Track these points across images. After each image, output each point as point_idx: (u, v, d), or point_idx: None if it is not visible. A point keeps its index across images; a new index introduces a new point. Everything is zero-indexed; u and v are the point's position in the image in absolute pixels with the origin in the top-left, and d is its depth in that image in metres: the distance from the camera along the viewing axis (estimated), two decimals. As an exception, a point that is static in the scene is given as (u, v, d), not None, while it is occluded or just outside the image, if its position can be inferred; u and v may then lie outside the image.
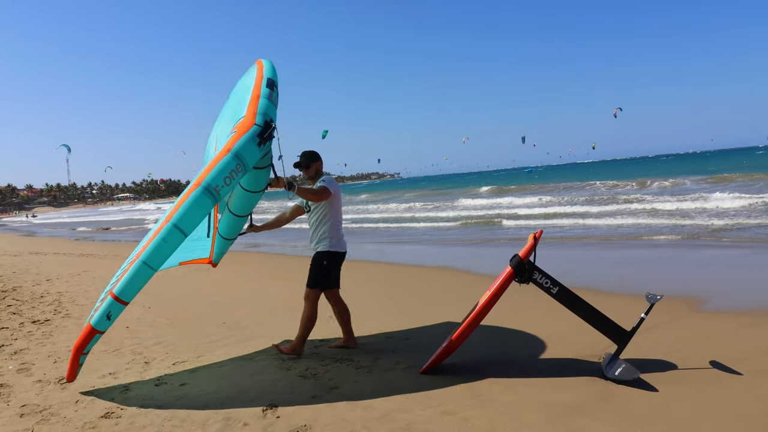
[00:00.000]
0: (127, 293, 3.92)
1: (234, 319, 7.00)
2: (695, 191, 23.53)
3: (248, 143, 4.09)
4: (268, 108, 4.30)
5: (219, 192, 3.98)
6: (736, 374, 4.15)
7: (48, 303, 8.58)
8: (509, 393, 4.04)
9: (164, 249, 3.92)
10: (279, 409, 3.94)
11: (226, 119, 5.16)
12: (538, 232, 4.49)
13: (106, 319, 3.98)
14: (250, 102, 4.37)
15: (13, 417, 4.04)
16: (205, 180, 3.96)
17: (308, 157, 5.27)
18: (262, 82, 4.50)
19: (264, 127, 4.18)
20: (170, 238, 3.91)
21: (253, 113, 4.23)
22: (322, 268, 5.22)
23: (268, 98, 4.38)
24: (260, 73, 4.63)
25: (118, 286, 3.92)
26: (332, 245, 5.22)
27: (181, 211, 3.93)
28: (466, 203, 30.92)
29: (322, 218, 5.20)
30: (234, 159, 4.02)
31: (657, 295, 4.38)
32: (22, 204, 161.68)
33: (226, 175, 3.99)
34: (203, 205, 3.97)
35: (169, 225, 3.91)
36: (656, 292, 4.43)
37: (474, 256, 12.55)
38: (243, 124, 4.23)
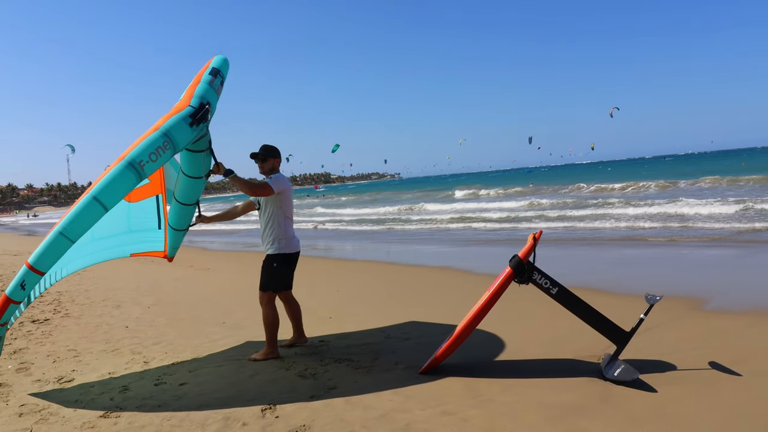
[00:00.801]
0: (42, 263, 3.67)
1: (233, 319, 7.00)
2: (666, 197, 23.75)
3: (179, 122, 4.01)
4: (206, 92, 4.26)
5: (143, 168, 3.81)
6: (736, 375, 4.14)
7: (47, 302, 8.59)
8: (509, 393, 4.04)
9: (82, 219, 3.68)
10: (278, 409, 3.94)
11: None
12: (538, 233, 4.49)
13: (20, 289, 3.73)
14: (189, 87, 4.33)
15: (12, 416, 4.04)
16: (130, 155, 3.81)
17: (267, 151, 5.18)
18: (206, 70, 4.46)
19: (198, 108, 4.13)
20: (89, 210, 3.69)
21: (189, 96, 4.20)
22: (271, 270, 5.15)
23: (209, 84, 4.34)
24: (207, 65, 4.59)
25: (33, 255, 3.69)
26: (281, 247, 5.14)
27: (101, 184, 3.73)
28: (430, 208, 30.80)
29: (271, 217, 5.13)
30: (162, 137, 3.91)
31: (656, 295, 4.38)
32: (23, 203, 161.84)
33: (152, 151, 3.84)
34: (125, 179, 3.76)
35: (88, 196, 3.71)
36: (655, 293, 4.42)
37: (474, 255, 12.55)
38: (177, 105, 4.19)
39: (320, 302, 7.84)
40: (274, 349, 5.20)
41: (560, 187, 38.61)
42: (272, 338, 5.18)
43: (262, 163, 5.18)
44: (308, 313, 7.09)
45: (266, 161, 5.17)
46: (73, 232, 3.67)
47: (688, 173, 42.61)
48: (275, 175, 5.14)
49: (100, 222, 3.88)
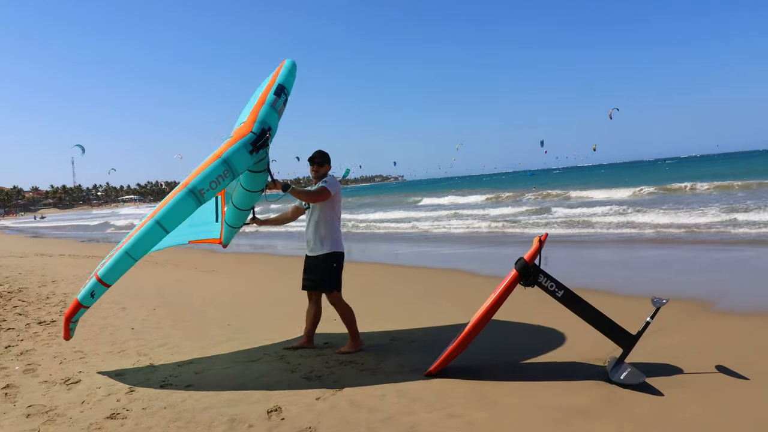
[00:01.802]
0: (109, 277, 4.17)
1: (239, 320, 7.01)
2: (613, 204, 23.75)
3: (240, 151, 4.28)
4: (268, 116, 4.44)
5: (203, 195, 4.15)
6: (743, 379, 4.13)
7: (54, 304, 8.61)
8: (514, 396, 4.04)
9: (145, 242, 4.14)
10: (284, 411, 3.94)
11: (242, 118, 5.25)
12: (543, 236, 4.49)
13: (90, 297, 4.27)
14: (254, 107, 4.51)
15: (20, 417, 4.05)
16: (192, 183, 4.15)
17: (323, 157, 5.37)
18: (273, 87, 4.62)
19: (259, 135, 4.34)
20: (152, 233, 4.12)
21: (252, 120, 4.39)
22: (333, 270, 5.28)
23: (272, 105, 4.51)
24: (274, 77, 4.75)
25: (102, 269, 4.19)
26: (335, 246, 5.29)
27: (165, 209, 4.12)
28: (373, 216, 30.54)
29: (321, 218, 5.23)
30: (222, 165, 4.20)
31: (663, 299, 4.37)
32: (28, 205, 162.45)
33: (212, 179, 4.16)
34: (186, 206, 4.14)
35: (152, 221, 4.11)
36: (662, 296, 4.42)
37: (478, 257, 12.54)
38: (240, 130, 4.39)
39: (324, 304, 7.83)
40: (359, 340, 5.39)
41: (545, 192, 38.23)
42: (355, 330, 5.37)
43: (318, 167, 5.34)
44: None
45: (323, 166, 5.35)
46: (137, 252, 4.13)
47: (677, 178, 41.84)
48: (329, 178, 5.28)
49: None
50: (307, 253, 5.42)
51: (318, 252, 5.29)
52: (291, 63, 4.96)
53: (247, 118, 4.45)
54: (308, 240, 5.36)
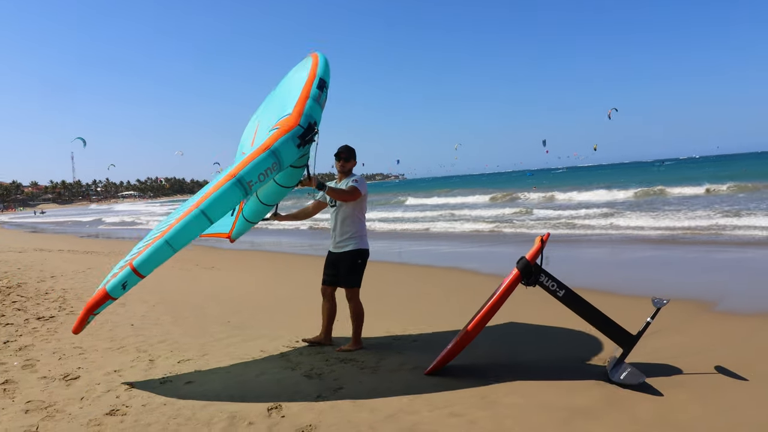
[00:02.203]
0: (145, 267, 3.96)
1: (239, 317, 7.01)
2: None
3: (288, 143, 4.19)
4: (313, 110, 4.38)
5: (251, 186, 4.07)
6: (742, 380, 4.13)
7: (53, 300, 8.59)
8: (515, 395, 4.04)
9: (188, 232, 3.99)
10: (284, 409, 3.94)
11: (272, 108, 5.26)
12: (545, 235, 4.48)
13: (121, 288, 4.00)
14: (299, 100, 4.43)
15: (19, 413, 4.04)
16: (240, 173, 4.04)
17: (349, 152, 5.38)
18: (314, 81, 4.57)
19: (307, 130, 4.27)
20: (196, 223, 3.98)
21: (298, 113, 4.31)
22: (357, 266, 5.31)
23: (316, 100, 4.46)
24: (313, 71, 4.69)
25: (139, 259, 3.97)
26: (361, 243, 5.31)
27: (210, 199, 3.99)
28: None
29: (349, 216, 5.26)
30: (271, 157, 4.11)
31: (663, 299, 4.37)
32: (27, 200, 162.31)
33: (260, 171, 4.07)
34: (233, 197, 4.04)
35: (197, 210, 3.98)
36: (662, 297, 4.41)
37: (479, 256, 12.54)
38: (286, 122, 4.30)
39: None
40: (361, 341, 5.42)
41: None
42: (360, 330, 5.41)
43: (345, 163, 5.33)
44: (313, 314, 7.11)
45: (349, 161, 5.35)
46: (178, 243, 3.97)
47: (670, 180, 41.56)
48: (359, 177, 5.30)
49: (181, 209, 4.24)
50: (331, 249, 5.44)
51: (343, 248, 5.31)
52: (325, 58, 4.91)
53: (293, 110, 4.38)
54: (334, 236, 5.38)
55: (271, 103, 5.64)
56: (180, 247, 3.98)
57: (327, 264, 5.48)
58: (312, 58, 4.99)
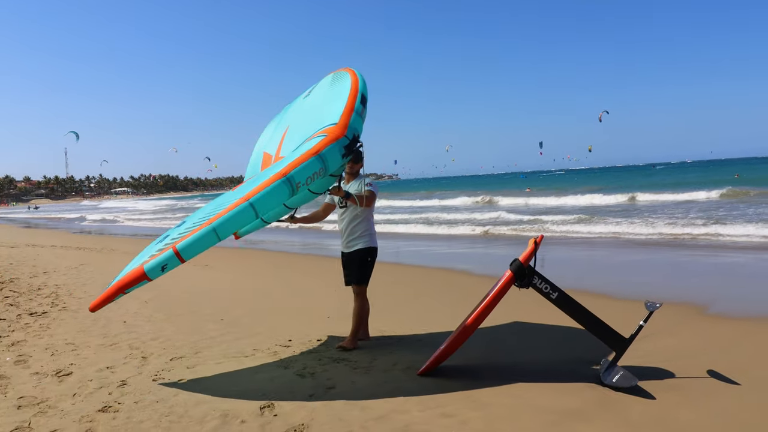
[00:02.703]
0: (188, 252, 3.97)
1: (232, 316, 7.00)
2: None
3: (334, 151, 4.36)
4: (356, 123, 4.56)
5: (299, 188, 4.21)
6: (734, 384, 4.16)
7: (45, 295, 8.57)
8: (507, 397, 4.05)
9: (235, 222, 4.07)
10: (276, 408, 3.94)
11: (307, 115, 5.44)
12: (539, 237, 4.50)
13: (160, 270, 3.97)
14: (344, 112, 4.60)
15: (10, 409, 4.03)
16: (291, 173, 4.16)
17: (358, 155, 5.35)
18: (357, 96, 4.73)
19: (351, 141, 4.44)
20: (243, 215, 4.08)
21: (344, 124, 4.47)
22: (367, 264, 5.40)
23: (359, 114, 4.64)
24: (355, 86, 4.85)
25: (183, 243, 3.97)
26: (371, 241, 5.41)
27: (260, 194, 4.12)
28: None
29: (359, 216, 5.36)
30: (319, 161, 4.27)
31: (656, 303, 4.38)
32: (20, 195, 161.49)
33: (308, 175, 4.23)
34: (281, 194, 4.17)
35: (246, 203, 4.09)
36: (655, 300, 4.43)
37: (473, 257, 12.56)
38: (334, 131, 4.45)
39: (318, 301, 7.85)
40: (356, 340, 5.45)
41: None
42: (359, 329, 5.49)
43: (353, 165, 5.37)
44: (306, 313, 7.12)
45: (357, 163, 5.39)
46: (224, 231, 4.04)
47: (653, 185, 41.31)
48: (373, 182, 5.40)
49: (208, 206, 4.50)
50: (343, 249, 5.53)
51: (353, 247, 5.41)
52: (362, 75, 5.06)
53: (339, 120, 4.53)
54: (345, 236, 5.46)
55: (302, 109, 5.82)
56: (225, 236, 4.06)
57: (343, 265, 5.59)
58: (349, 75, 5.13)
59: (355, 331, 5.44)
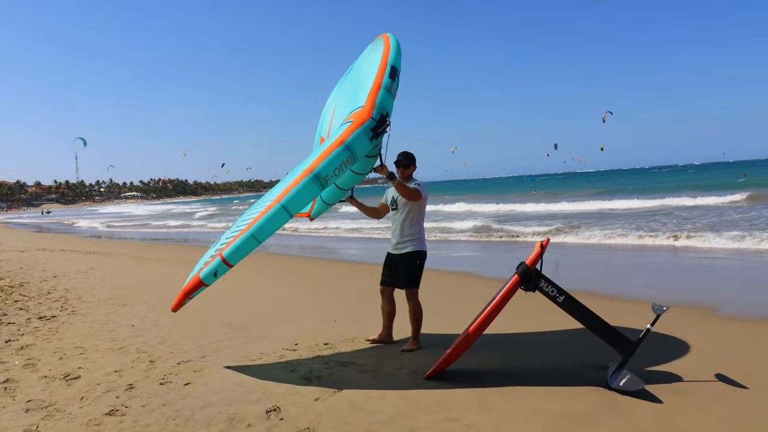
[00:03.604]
0: (233, 258, 4.29)
1: (239, 320, 7.02)
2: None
3: (361, 137, 4.36)
4: (385, 100, 4.52)
5: (327, 181, 4.29)
6: (742, 388, 4.13)
7: (54, 299, 8.63)
8: (513, 400, 4.04)
9: (271, 225, 4.27)
10: (283, 411, 3.95)
11: (346, 91, 5.54)
12: (545, 241, 4.49)
13: (213, 276, 4.36)
14: (371, 91, 4.58)
15: (19, 412, 4.06)
16: (317, 169, 4.26)
17: (408, 158, 5.43)
18: (386, 70, 4.69)
19: (379, 122, 4.42)
20: (278, 217, 4.26)
21: (371, 106, 4.46)
22: (416, 267, 5.43)
23: (388, 89, 4.59)
24: (385, 57, 4.83)
25: (228, 250, 4.30)
26: (421, 245, 5.44)
27: (290, 195, 4.25)
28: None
29: (410, 219, 5.39)
30: (345, 151, 4.31)
31: (663, 306, 4.36)
32: (30, 200, 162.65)
33: (335, 166, 4.29)
34: (311, 191, 4.30)
35: (278, 205, 4.25)
36: (662, 304, 4.41)
37: (480, 261, 12.54)
38: (359, 115, 4.46)
39: (325, 305, 7.85)
40: (419, 341, 5.53)
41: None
42: (419, 329, 5.53)
43: (404, 170, 5.42)
44: (313, 316, 7.13)
45: (408, 167, 5.43)
46: (262, 235, 4.27)
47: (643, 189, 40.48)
48: (420, 182, 5.39)
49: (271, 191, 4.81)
50: (390, 250, 5.58)
51: (403, 250, 5.44)
52: (396, 42, 5.02)
53: (365, 101, 4.53)
54: (394, 238, 5.51)
55: (344, 84, 5.92)
56: (264, 239, 4.28)
57: (386, 265, 5.62)
58: (383, 41, 5.12)
59: (416, 333, 5.50)
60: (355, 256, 14.84)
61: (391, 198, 5.52)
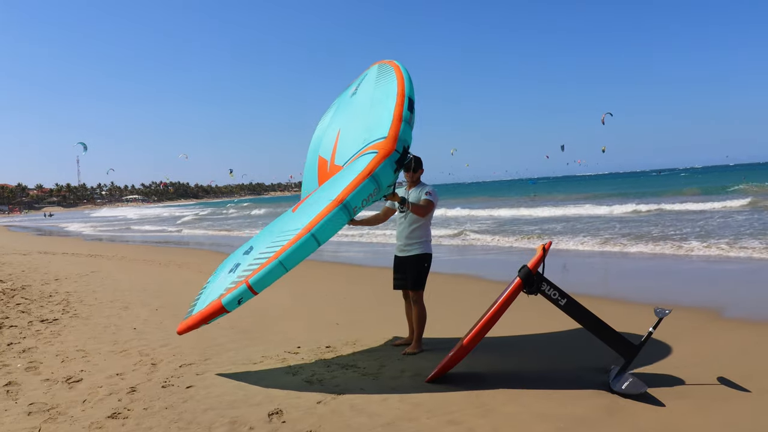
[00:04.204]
0: (259, 286, 4.30)
1: (241, 323, 7.02)
2: None
3: (386, 168, 4.53)
4: (406, 133, 4.67)
5: (355, 211, 4.42)
6: (745, 391, 4.12)
7: (56, 302, 8.64)
8: (515, 404, 4.04)
9: (300, 254, 4.32)
10: (285, 414, 3.95)
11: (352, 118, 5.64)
12: (548, 244, 4.49)
13: (236, 303, 4.37)
14: (393, 124, 4.71)
15: (21, 415, 4.07)
16: (346, 199, 4.38)
17: (417, 163, 5.46)
18: (404, 102, 4.83)
19: (402, 155, 4.58)
20: (307, 246, 4.32)
21: (394, 138, 4.60)
22: (423, 269, 5.45)
23: (408, 122, 4.74)
24: (401, 90, 4.96)
25: (255, 277, 4.31)
26: (427, 248, 5.46)
27: (320, 224, 4.34)
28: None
29: (417, 222, 5.41)
30: (372, 182, 4.46)
31: (666, 309, 4.36)
32: (32, 203, 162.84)
33: (364, 197, 4.44)
34: (340, 221, 4.42)
35: (308, 235, 4.32)
36: (665, 307, 4.41)
37: (482, 263, 12.53)
38: (384, 146, 4.59)
39: (327, 308, 7.86)
40: (422, 344, 5.52)
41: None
42: (422, 333, 5.53)
43: (413, 173, 5.47)
44: (315, 320, 7.13)
45: (416, 171, 5.48)
46: (290, 263, 4.31)
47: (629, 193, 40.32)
48: (431, 189, 5.44)
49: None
50: (397, 253, 5.60)
51: (409, 253, 5.46)
52: (407, 73, 5.17)
53: (388, 133, 4.65)
54: (400, 240, 5.53)
55: (347, 108, 5.98)
56: (291, 267, 4.32)
57: (395, 268, 5.63)
58: (393, 70, 5.24)
59: (419, 336, 5.49)
60: (357, 259, 14.84)
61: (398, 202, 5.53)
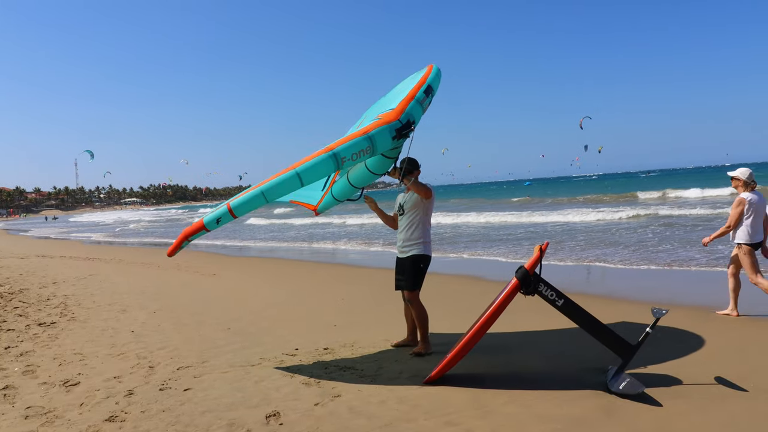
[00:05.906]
0: (239, 210, 4.40)
1: (239, 325, 7.02)
2: None
3: (384, 132, 4.53)
4: (414, 110, 4.72)
5: (343, 162, 4.43)
6: (742, 391, 4.13)
7: (54, 306, 8.63)
8: (513, 405, 4.04)
9: (281, 188, 4.38)
10: (282, 416, 3.95)
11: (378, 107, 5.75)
12: (545, 244, 4.49)
13: (215, 222, 4.48)
14: (404, 98, 4.81)
15: (18, 419, 4.06)
16: (337, 148, 4.41)
17: (411, 164, 5.38)
18: (423, 86, 4.96)
19: (404, 125, 4.60)
20: (289, 182, 4.38)
21: (400, 110, 4.66)
22: (419, 270, 5.44)
23: (420, 102, 4.82)
24: (425, 77, 5.12)
25: (236, 201, 4.43)
26: (426, 249, 5.46)
27: (306, 165, 4.39)
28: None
29: (416, 222, 5.43)
30: (366, 140, 4.46)
31: (663, 309, 4.37)
32: (30, 206, 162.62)
33: (354, 151, 4.43)
34: (326, 167, 4.41)
35: (292, 171, 4.38)
36: (662, 307, 4.42)
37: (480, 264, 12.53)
38: (388, 114, 4.66)
39: (325, 310, 7.85)
40: (428, 344, 5.51)
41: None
42: (427, 332, 5.52)
43: (409, 175, 5.44)
44: (313, 321, 7.12)
45: (412, 172, 5.46)
46: (271, 195, 4.38)
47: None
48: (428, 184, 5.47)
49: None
50: (397, 254, 5.61)
51: (407, 253, 5.47)
52: (438, 69, 5.35)
53: (396, 106, 4.73)
54: (400, 241, 5.54)
55: (380, 102, 6.15)
56: (272, 199, 4.40)
57: (396, 270, 5.63)
58: (427, 67, 5.40)
59: (424, 336, 5.48)
60: (355, 260, 14.83)
61: (398, 204, 5.58)
